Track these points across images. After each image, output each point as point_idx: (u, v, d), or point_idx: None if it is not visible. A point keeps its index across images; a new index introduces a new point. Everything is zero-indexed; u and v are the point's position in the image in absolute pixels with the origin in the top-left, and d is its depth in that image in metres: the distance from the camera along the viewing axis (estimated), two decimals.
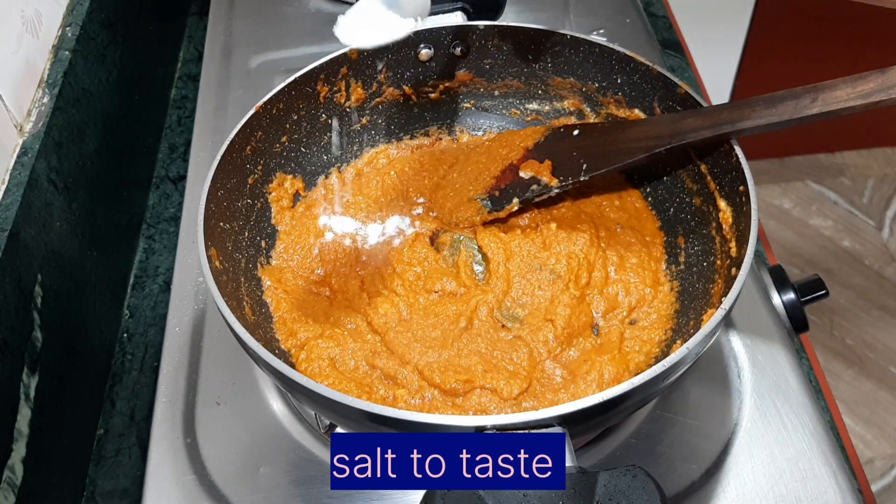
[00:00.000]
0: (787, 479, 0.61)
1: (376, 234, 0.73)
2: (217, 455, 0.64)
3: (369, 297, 0.67)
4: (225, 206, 0.65)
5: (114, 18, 0.91)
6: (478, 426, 0.46)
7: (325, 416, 0.64)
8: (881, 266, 2.05)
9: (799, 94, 0.55)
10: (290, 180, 0.74)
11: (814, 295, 0.74)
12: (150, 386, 0.76)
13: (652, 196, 0.73)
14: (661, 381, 0.50)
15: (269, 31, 1.04)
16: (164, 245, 0.89)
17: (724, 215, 0.62)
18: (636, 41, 1.00)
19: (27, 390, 0.63)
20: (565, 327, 0.63)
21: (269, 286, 0.68)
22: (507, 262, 0.68)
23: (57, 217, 0.71)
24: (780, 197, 2.21)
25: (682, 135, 0.61)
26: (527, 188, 0.70)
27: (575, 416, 0.46)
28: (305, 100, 0.73)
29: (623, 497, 0.43)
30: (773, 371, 0.67)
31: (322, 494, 0.62)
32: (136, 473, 0.71)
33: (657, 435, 0.64)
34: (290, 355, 0.63)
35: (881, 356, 1.87)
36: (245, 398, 0.68)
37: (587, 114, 0.76)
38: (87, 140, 0.80)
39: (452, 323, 0.64)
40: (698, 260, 0.66)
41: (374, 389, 0.61)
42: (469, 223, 0.72)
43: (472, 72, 0.78)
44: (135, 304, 0.84)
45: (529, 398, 0.60)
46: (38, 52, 0.76)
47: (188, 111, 1.04)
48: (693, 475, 0.61)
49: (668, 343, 0.63)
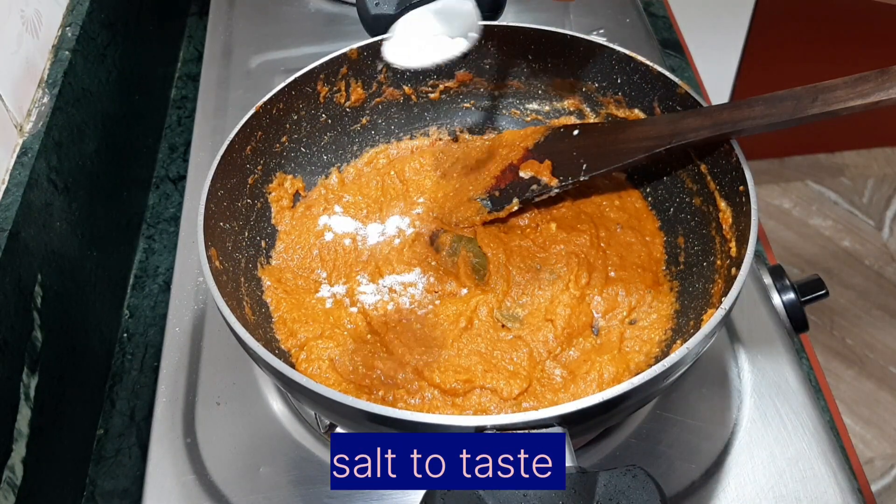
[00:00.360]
0: (787, 479, 0.61)
1: (376, 234, 0.73)
2: (217, 455, 0.64)
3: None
4: (225, 206, 0.65)
5: (114, 18, 0.91)
6: (478, 426, 0.46)
7: (325, 416, 0.64)
8: (881, 266, 2.05)
9: (799, 94, 0.55)
10: (290, 180, 0.74)
11: (814, 295, 0.74)
12: (150, 386, 0.76)
13: (652, 196, 0.73)
14: (661, 381, 0.50)
15: (269, 31, 1.04)
16: (164, 245, 0.89)
17: (724, 215, 0.62)
18: (636, 41, 1.00)
19: (27, 390, 0.63)
20: (565, 327, 0.63)
21: (269, 286, 0.68)
22: (507, 262, 0.68)
23: (57, 217, 0.71)
24: (780, 197, 2.21)
25: (682, 135, 0.61)
26: (527, 188, 0.70)
27: (575, 416, 0.46)
28: (305, 100, 0.73)
29: (623, 497, 0.43)
30: (773, 371, 0.67)
31: (322, 494, 0.62)
32: (136, 473, 0.71)
33: (657, 435, 0.64)
34: (290, 355, 0.63)
35: (881, 356, 1.87)
36: (245, 398, 0.68)
37: (587, 114, 0.76)
38: (87, 140, 0.80)
39: (452, 323, 0.64)
40: (698, 260, 0.66)
41: (374, 389, 0.61)
42: (469, 223, 0.72)
43: (472, 72, 0.78)
44: (135, 303, 0.84)
45: (529, 398, 0.60)
46: (38, 51, 0.76)
47: (188, 111, 1.04)
48: (693, 475, 0.61)
49: (668, 343, 0.63)
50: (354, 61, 0.74)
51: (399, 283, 0.68)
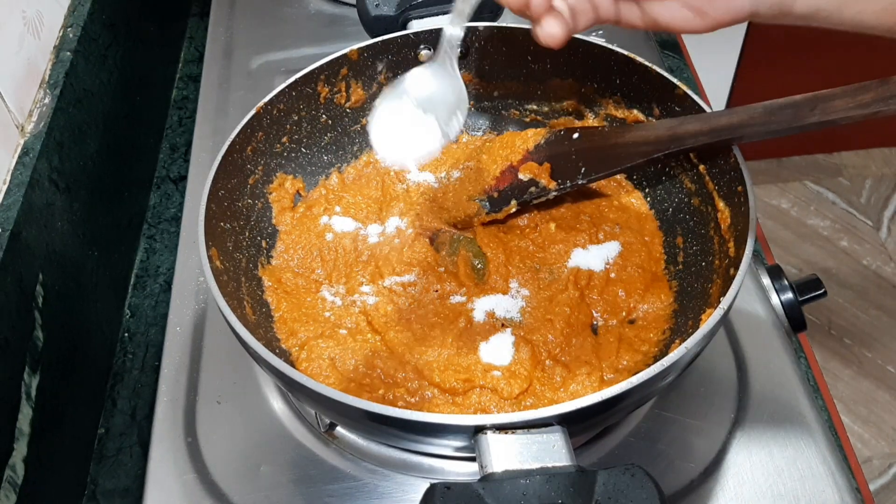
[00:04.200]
0: (786, 479, 0.61)
1: (376, 234, 0.73)
2: (218, 454, 0.64)
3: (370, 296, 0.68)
4: (226, 206, 0.65)
5: (115, 19, 0.91)
6: (477, 425, 0.46)
7: (326, 416, 0.64)
8: (879, 266, 2.06)
9: (798, 102, 0.55)
10: (290, 180, 0.74)
11: (812, 294, 0.75)
12: (151, 385, 0.76)
13: (651, 196, 0.74)
14: (660, 381, 0.50)
15: (270, 31, 1.05)
16: (165, 245, 0.90)
17: (723, 215, 0.63)
18: (635, 42, 1.00)
19: (28, 389, 0.63)
20: (564, 327, 0.64)
21: (269, 286, 0.68)
22: (507, 262, 0.69)
23: (58, 217, 0.72)
24: (779, 197, 2.21)
25: (680, 140, 0.61)
26: (525, 190, 0.70)
27: (574, 415, 0.47)
28: (306, 100, 0.73)
29: (622, 496, 0.43)
30: (772, 370, 0.67)
31: (322, 493, 0.62)
32: (137, 472, 0.71)
33: (656, 434, 0.64)
34: (291, 355, 0.64)
35: (879, 355, 1.88)
36: (246, 397, 0.68)
37: (586, 114, 0.77)
38: (89, 140, 0.80)
39: (452, 323, 0.65)
40: (697, 260, 0.66)
41: (374, 389, 0.61)
42: (468, 223, 0.73)
43: (472, 72, 0.78)
44: (136, 303, 0.84)
45: (529, 397, 0.60)
46: (40, 52, 0.77)
47: (189, 112, 1.04)
48: (692, 474, 0.62)
49: (666, 343, 0.63)
50: (355, 62, 0.74)
51: (399, 282, 0.68)
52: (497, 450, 0.46)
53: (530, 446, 0.46)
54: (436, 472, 0.63)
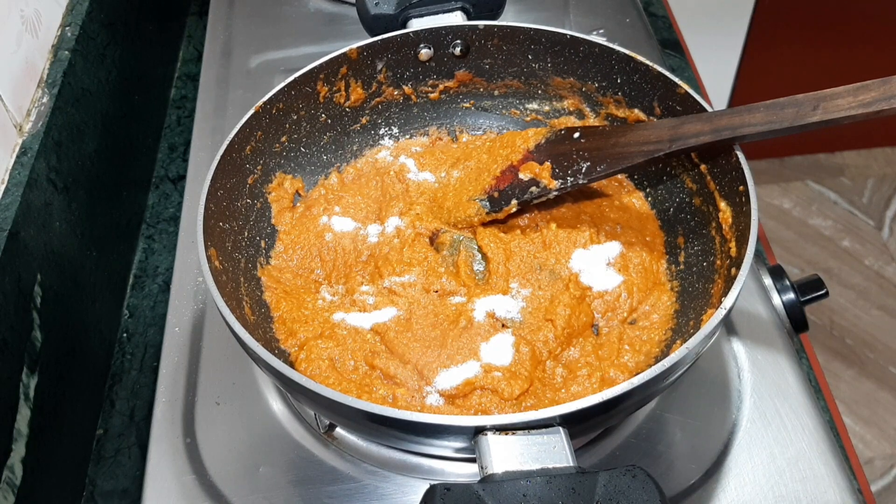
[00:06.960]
0: (787, 480, 0.61)
1: (376, 234, 0.73)
2: (217, 455, 0.64)
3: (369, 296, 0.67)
4: (224, 206, 0.65)
5: (113, 18, 0.91)
6: (478, 426, 0.46)
7: (325, 416, 0.64)
8: (881, 266, 2.05)
9: (800, 101, 0.55)
10: (289, 180, 0.74)
11: (813, 295, 0.74)
12: (150, 386, 0.76)
13: (652, 196, 0.73)
14: (661, 381, 0.50)
15: (269, 31, 1.04)
16: (164, 245, 0.89)
17: (724, 215, 0.62)
18: (636, 41, 1.00)
19: (27, 390, 0.63)
20: (565, 327, 0.63)
21: (268, 286, 0.68)
22: (507, 262, 0.68)
23: (56, 217, 0.71)
24: (780, 197, 2.21)
25: (682, 140, 0.61)
26: (526, 190, 0.70)
27: (575, 416, 0.46)
28: (305, 100, 0.73)
29: (623, 497, 0.43)
30: (773, 371, 0.67)
31: (322, 495, 0.62)
32: (135, 473, 0.71)
33: (657, 435, 0.64)
34: (290, 355, 0.63)
35: (881, 356, 1.87)
36: (245, 398, 0.68)
37: (587, 114, 0.76)
38: (87, 140, 0.80)
39: (452, 323, 0.64)
40: (698, 260, 0.66)
41: (374, 389, 0.60)
42: (468, 223, 0.72)
43: (472, 72, 0.78)
44: (134, 303, 0.84)
45: (530, 398, 0.60)
46: (38, 51, 0.76)
47: (188, 111, 1.04)
48: (693, 475, 0.61)
49: (668, 343, 0.63)
50: (354, 61, 0.74)
51: (399, 282, 0.68)
52: (497, 451, 0.46)
53: (531, 447, 0.46)
54: (436, 473, 0.63)
